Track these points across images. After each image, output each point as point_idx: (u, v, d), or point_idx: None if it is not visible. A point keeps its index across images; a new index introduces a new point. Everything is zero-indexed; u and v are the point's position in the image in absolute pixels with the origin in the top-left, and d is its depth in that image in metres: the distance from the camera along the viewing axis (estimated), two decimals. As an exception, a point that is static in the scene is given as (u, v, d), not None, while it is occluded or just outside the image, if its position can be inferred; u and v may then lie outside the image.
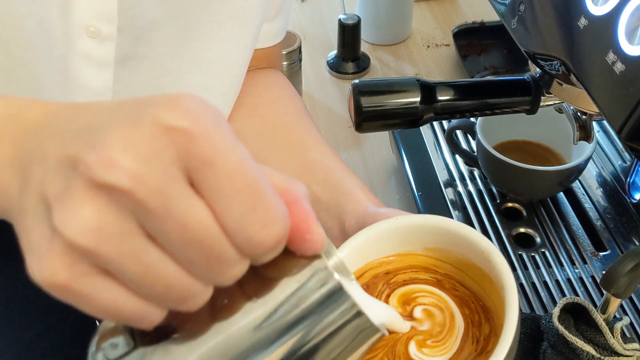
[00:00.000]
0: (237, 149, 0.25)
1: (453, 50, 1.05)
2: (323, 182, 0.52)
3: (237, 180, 0.24)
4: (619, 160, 0.75)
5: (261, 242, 0.25)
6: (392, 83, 0.55)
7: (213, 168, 0.24)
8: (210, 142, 0.24)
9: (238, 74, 0.58)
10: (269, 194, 0.25)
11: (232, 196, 0.24)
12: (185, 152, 0.24)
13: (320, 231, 0.27)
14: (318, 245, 0.27)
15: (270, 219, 0.25)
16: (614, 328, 0.49)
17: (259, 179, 0.25)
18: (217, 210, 0.24)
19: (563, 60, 0.45)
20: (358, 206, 0.48)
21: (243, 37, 0.56)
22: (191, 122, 0.24)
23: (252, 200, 0.25)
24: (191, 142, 0.24)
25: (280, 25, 0.63)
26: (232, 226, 0.25)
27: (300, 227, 0.27)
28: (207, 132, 0.24)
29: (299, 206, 0.27)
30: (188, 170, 0.24)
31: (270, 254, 0.26)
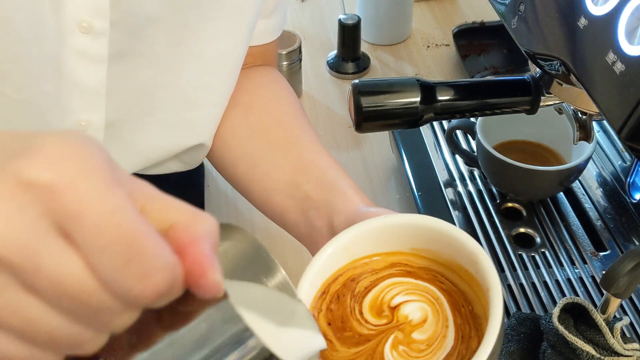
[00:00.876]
0: (108, 198, 0.23)
1: (453, 50, 1.05)
2: (315, 181, 0.52)
3: (107, 233, 0.23)
4: (619, 160, 0.75)
5: (140, 295, 0.24)
6: (392, 83, 0.55)
7: (80, 221, 0.23)
8: (75, 194, 0.23)
9: (234, 70, 0.58)
10: (149, 243, 0.24)
11: (104, 249, 0.23)
12: (50, 206, 0.23)
13: (215, 276, 0.25)
14: (212, 292, 0.26)
15: (148, 270, 0.24)
16: (614, 328, 0.49)
17: (134, 229, 0.24)
18: (92, 263, 0.23)
19: (563, 60, 0.45)
20: (349, 205, 0.48)
21: (239, 33, 0.56)
22: (53, 175, 0.23)
23: (125, 252, 0.23)
24: (54, 195, 0.23)
25: (276, 23, 0.63)
26: (107, 279, 0.24)
27: (194, 272, 0.25)
28: (71, 183, 0.23)
29: (194, 248, 0.25)
30: (60, 224, 0.23)
31: (158, 302, 0.25)
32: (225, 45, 0.55)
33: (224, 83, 0.58)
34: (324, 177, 0.53)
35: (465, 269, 0.38)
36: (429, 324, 0.37)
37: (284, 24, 0.65)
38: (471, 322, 0.37)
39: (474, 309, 0.37)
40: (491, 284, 0.35)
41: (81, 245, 0.23)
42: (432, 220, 0.40)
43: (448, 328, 0.36)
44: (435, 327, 0.37)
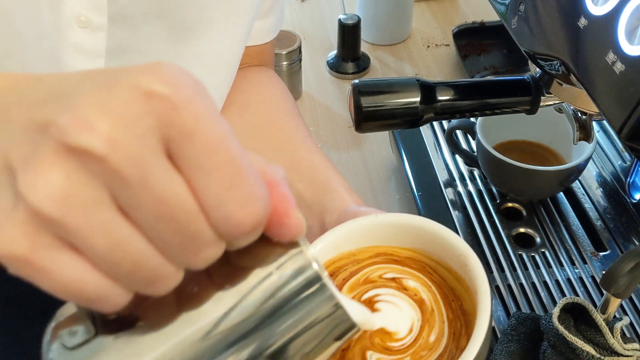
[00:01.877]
0: (219, 123, 0.23)
1: (453, 50, 1.05)
2: (308, 180, 0.52)
3: (218, 155, 0.23)
4: (619, 160, 0.75)
5: (240, 222, 0.24)
6: (392, 83, 0.55)
7: (193, 140, 0.23)
8: (191, 112, 0.23)
9: (231, 69, 0.58)
10: (251, 173, 0.24)
11: (212, 171, 0.23)
12: (164, 120, 0.22)
13: (299, 216, 0.26)
14: (296, 231, 0.26)
15: (251, 198, 0.24)
16: (614, 328, 0.49)
17: (240, 156, 0.24)
18: (195, 185, 0.23)
19: (563, 60, 0.45)
20: (340, 204, 0.48)
21: (236, 33, 0.56)
22: (173, 89, 0.22)
23: (232, 177, 0.23)
24: (172, 110, 0.22)
25: (272, 23, 0.63)
26: (209, 203, 0.23)
27: (279, 211, 0.25)
28: (189, 101, 0.23)
29: (278, 189, 0.26)
30: (167, 141, 0.23)
31: (247, 236, 0.25)
32: (223, 45, 0.55)
33: (221, 83, 0.58)
34: (317, 176, 0.53)
35: (455, 271, 0.38)
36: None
37: (280, 24, 0.65)
38: (462, 319, 0.36)
39: (464, 305, 0.37)
40: (479, 286, 0.35)
41: (188, 166, 0.23)
42: (423, 220, 0.39)
43: (444, 323, 0.36)
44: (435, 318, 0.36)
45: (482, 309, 0.33)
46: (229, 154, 0.23)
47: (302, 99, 1.00)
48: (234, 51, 0.57)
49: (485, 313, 0.33)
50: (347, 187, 0.51)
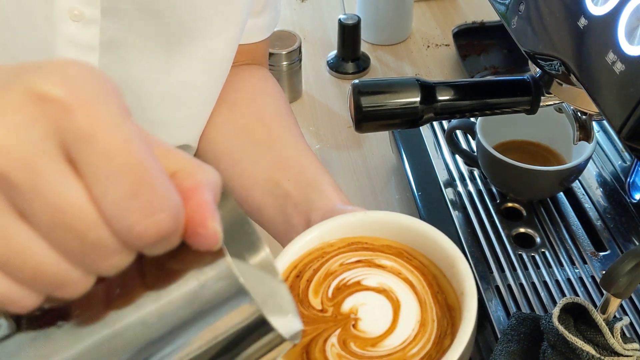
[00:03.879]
0: (121, 125, 0.22)
1: (453, 50, 1.05)
2: (295, 179, 0.52)
3: (118, 160, 0.22)
4: (619, 160, 0.75)
5: (142, 234, 0.22)
6: (392, 83, 0.55)
7: (90, 145, 0.21)
8: (88, 115, 0.21)
9: (224, 69, 0.58)
10: (157, 179, 0.22)
11: (111, 178, 0.22)
12: (59, 124, 0.21)
13: (214, 227, 0.24)
14: (211, 241, 0.24)
15: (155, 207, 0.22)
16: (614, 328, 0.49)
17: (145, 161, 0.22)
18: (95, 193, 0.22)
19: (563, 60, 0.45)
20: (327, 203, 0.48)
21: (230, 31, 0.56)
22: (67, 92, 0.21)
23: (134, 184, 0.22)
24: (66, 113, 0.21)
25: (265, 22, 0.63)
26: (109, 212, 0.22)
27: (194, 219, 0.24)
28: (85, 103, 0.21)
29: (196, 195, 0.24)
30: (65, 146, 0.21)
31: (157, 246, 0.23)
32: (216, 43, 0.55)
33: (213, 82, 0.58)
34: (304, 175, 0.53)
35: (443, 272, 0.37)
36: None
37: (274, 24, 0.65)
38: (448, 316, 0.35)
39: (448, 300, 0.36)
40: (466, 288, 0.34)
41: (87, 172, 0.22)
42: (412, 219, 0.39)
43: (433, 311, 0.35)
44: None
45: (467, 310, 0.33)
46: (131, 158, 0.22)
47: (302, 99, 1.00)
48: (228, 49, 0.57)
49: (472, 315, 0.33)
50: (335, 185, 0.51)
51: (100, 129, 0.21)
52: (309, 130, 0.94)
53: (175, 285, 0.25)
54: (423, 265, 0.38)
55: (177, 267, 0.25)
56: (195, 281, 0.25)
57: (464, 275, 0.35)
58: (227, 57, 0.58)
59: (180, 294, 0.25)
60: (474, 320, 0.32)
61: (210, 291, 0.25)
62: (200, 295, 0.25)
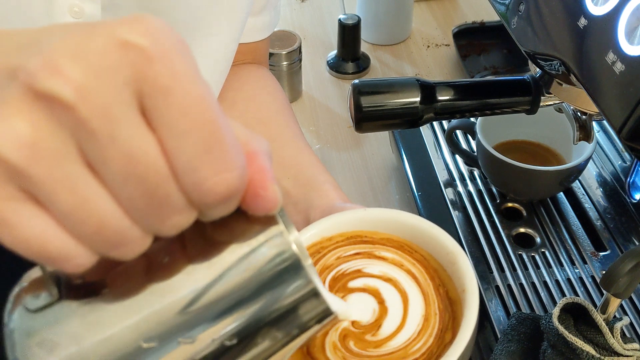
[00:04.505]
0: (199, 83, 0.22)
1: (453, 50, 1.05)
2: (295, 177, 0.52)
3: (194, 116, 0.21)
4: (619, 160, 0.75)
5: (212, 190, 0.22)
6: (392, 83, 0.55)
7: (169, 97, 0.21)
8: (169, 68, 0.21)
9: (224, 68, 0.58)
10: (228, 139, 0.22)
11: (186, 132, 0.21)
12: (140, 74, 0.21)
13: (275, 189, 0.24)
14: (272, 204, 0.24)
15: (226, 165, 0.22)
16: (614, 328, 0.49)
17: (218, 120, 0.22)
18: (168, 146, 0.22)
19: (563, 60, 0.45)
20: (326, 201, 0.48)
21: (230, 31, 0.56)
22: (152, 42, 0.21)
23: (208, 140, 0.22)
24: (148, 63, 0.21)
25: (265, 21, 0.63)
26: (182, 167, 0.22)
27: (255, 182, 0.24)
28: (167, 56, 0.21)
29: (256, 159, 0.24)
30: (141, 96, 0.21)
31: (220, 206, 0.23)
32: (216, 42, 0.55)
33: (213, 81, 0.58)
34: (303, 173, 0.53)
35: (444, 269, 0.37)
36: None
37: (274, 24, 0.65)
38: (449, 309, 0.35)
39: (449, 293, 0.36)
40: (467, 285, 0.34)
41: (161, 125, 0.21)
42: (413, 216, 0.39)
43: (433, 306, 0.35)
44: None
45: (469, 307, 0.33)
46: (206, 116, 0.22)
47: (302, 99, 1.00)
48: (228, 48, 0.57)
49: (472, 314, 0.32)
50: (334, 184, 0.51)
51: (179, 82, 0.21)
52: (309, 130, 0.94)
53: (227, 253, 0.25)
54: (424, 258, 0.38)
55: (225, 237, 0.25)
56: (247, 248, 0.25)
57: (465, 272, 0.35)
58: (226, 56, 0.58)
59: (233, 260, 0.25)
60: (475, 318, 0.32)
61: (264, 257, 0.25)
62: (253, 262, 0.25)
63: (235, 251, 0.25)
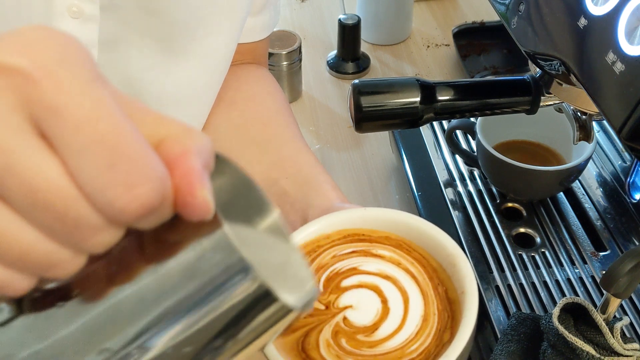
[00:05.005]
0: (89, 93, 0.20)
1: (453, 50, 1.05)
2: (293, 177, 0.52)
3: (88, 129, 0.20)
4: (619, 160, 0.75)
5: (124, 208, 0.21)
6: (392, 83, 0.55)
7: (59, 117, 0.20)
8: (54, 86, 0.20)
9: (223, 68, 0.58)
10: (135, 149, 0.21)
11: (83, 150, 0.20)
12: (25, 96, 0.20)
13: (204, 194, 0.22)
14: (201, 211, 0.22)
15: (136, 178, 0.21)
16: (614, 328, 0.49)
17: (120, 129, 0.21)
18: (70, 167, 0.20)
19: (563, 60, 0.45)
20: (324, 201, 0.48)
21: (230, 30, 0.56)
22: (30, 61, 0.20)
23: (108, 155, 0.20)
24: (30, 84, 0.20)
25: (264, 21, 0.63)
26: (88, 188, 0.20)
27: (181, 189, 0.22)
28: (49, 72, 0.20)
29: (183, 163, 0.22)
30: (35, 120, 0.20)
31: (145, 220, 0.22)
32: (215, 42, 0.55)
33: (212, 81, 0.58)
34: (302, 173, 0.52)
35: (444, 269, 0.37)
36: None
37: (273, 23, 0.65)
38: (448, 309, 0.35)
39: (448, 293, 0.36)
40: (467, 287, 0.34)
41: (59, 146, 0.20)
42: (412, 217, 0.39)
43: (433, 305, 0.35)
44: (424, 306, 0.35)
45: (468, 308, 0.33)
46: (103, 128, 0.20)
47: (302, 99, 1.00)
48: (227, 48, 0.57)
49: (471, 316, 0.32)
50: (333, 184, 0.51)
51: (66, 98, 0.20)
52: (309, 130, 0.94)
53: (173, 259, 0.24)
54: (423, 257, 0.37)
55: (174, 239, 0.24)
56: (192, 253, 0.24)
57: (465, 273, 0.35)
58: (226, 56, 0.58)
59: (178, 267, 0.24)
60: (474, 320, 0.32)
61: (209, 263, 0.24)
62: (199, 268, 0.24)
63: (181, 255, 0.24)
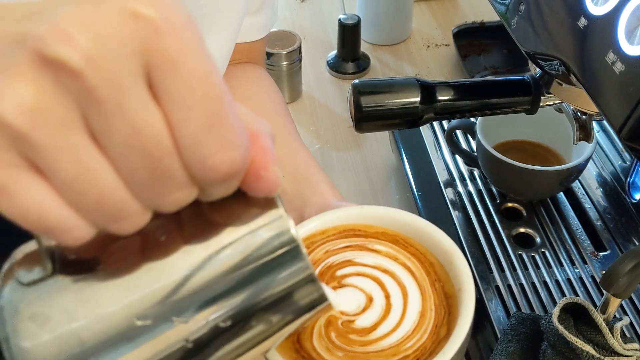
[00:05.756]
0: (207, 58, 0.22)
1: (453, 50, 1.05)
2: (290, 175, 0.52)
3: (201, 90, 0.21)
4: (619, 160, 0.75)
5: (214, 166, 0.22)
6: (392, 83, 0.55)
7: (176, 70, 0.21)
8: (177, 41, 0.21)
9: (222, 67, 0.58)
10: (233, 117, 0.22)
11: (192, 107, 0.21)
12: (149, 45, 0.21)
13: (276, 171, 0.24)
14: (272, 185, 0.24)
15: (230, 142, 0.22)
16: (613, 328, 0.49)
17: (224, 97, 0.22)
18: (173, 120, 0.22)
19: (563, 60, 0.45)
20: (321, 199, 0.48)
21: (226, 30, 0.56)
22: (161, 15, 0.21)
23: (213, 116, 0.22)
24: (157, 35, 0.21)
25: (262, 21, 0.63)
26: (186, 141, 0.22)
27: (257, 163, 0.24)
28: (176, 30, 0.21)
29: (259, 140, 0.24)
30: (148, 68, 0.21)
31: (222, 184, 0.23)
32: (216, 42, 0.55)
33: None
34: (299, 172, 0.53)
35: (442, 266, 0.37)
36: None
37: (271, 23, 0.65)
38: (445, 304, 0.35)
39: (445, 287, 0.35)
40: (464, 284, 0.34)
41: (167, 99, 0.21)
42: (410, 215, 0.39)
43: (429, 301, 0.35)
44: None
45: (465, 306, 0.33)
46: (212, 92, 0.22)
47: (302, 99, 1.00)
48: (224, 47, 0.57)
49: (468, 313, 0.32)
50: (329, 183, 0.51)
51: (187, 56, 0.21)
52: (309, 130, 0.94)
53: (225, 234, 0.25)
54: (419, 252, 0.37)
55: (223, 218, 0.25)
56: (246, 229, 0.25)
57: (461, 271, 0.35)
58: (224, 55, 0.58)
59: (231, 242, 0.25)
60: (471, 317, 0.32)
61: (262, 240, 0.25)
62: (251, 245, 0.25)
63: (233, 233, 0.25)
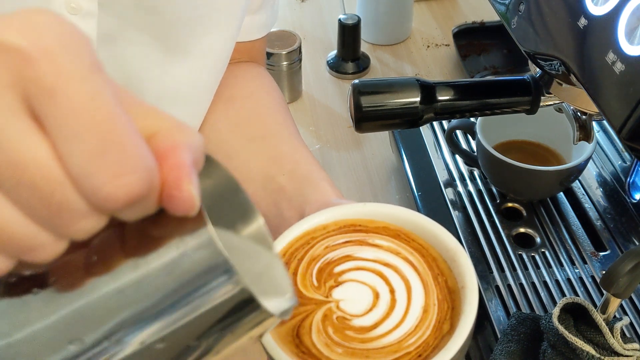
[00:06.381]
0: (88, 79, 0.20)
1: (453, 50, 1.05)
2: (290, 173, 0.52)
3: (85, 116, 0.20)
4: (619, 160, 0.75)
5: (110, 196, 0.21)
6: (392, 83, 0.55)
7: (54, 97, 0.20)
8: (52, 66, 0.20)
9: (221, 66, 0.58)
10: (127, 138, 0.21)
11: (77, 135, 0.20)
12: (21, 75, 0.20)
13: (191, 189, 0.22)
14: (186, 206, 0.22)
15: (125, 167, 0.21)
16: (613, 328, 0.49)
17: (114, 118, 0.21)
18: (61, 150, 0.20)
19: (563, 60, 0.45)
20: (322, 197, 0.48)
21: (227, 29, 0.56)
22: (30, 41, 0.20)
23: (102, 142, 0.20)
24: (28, 64, 0.20)
25: (262, 20, 0.63)
26: (76, 172, 0.20)
27: (168, 182, 0.22)
28: (49, 53, 0.20)
29: (172, 156, 0.22)
30: (28, 99, 0.20)
31: (130, 210, 0.22)
32: (214, 40, 0.55)
33: (210, 79, 0.58)
34: (299, 170, 0.52)
35: (443, 259, 0.36)
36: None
37: (271, 23, 0.65)
38: (448, 299, 0.34)
39: (448, 282, 0.35)
40: (468, 282, 0.34)
41: (51, 129, 0.20)
42: (412, 213, 0.38)
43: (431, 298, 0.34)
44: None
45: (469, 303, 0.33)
46: (98, 115, 0.20)
47: (302, 99, 1.00)
48: (225, 47, 0.57)
49: (471, 311, 0.32)
50: (329, 181, 0.51)
51: (64, 81, 0.20)
52: (309, 130, 0.94)
53: (155, 254, 0.24)
54: (422, 247, 0.37)
55: (157, 233, 0.24)
56: (175, 250, 0.24)
57: (465, 268, 0.34)
58: (224, 54, 0.58)
59: (159, 263, 0.24)
60: (474, 313, 0.32)
61: (191, 261, 0.23)
62: (180, 265, 0.23)
63: (163, 250, 0.24)
